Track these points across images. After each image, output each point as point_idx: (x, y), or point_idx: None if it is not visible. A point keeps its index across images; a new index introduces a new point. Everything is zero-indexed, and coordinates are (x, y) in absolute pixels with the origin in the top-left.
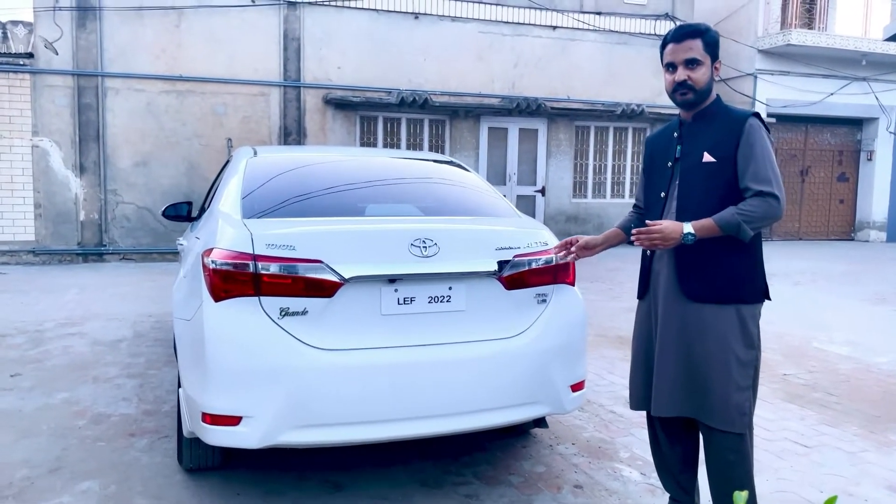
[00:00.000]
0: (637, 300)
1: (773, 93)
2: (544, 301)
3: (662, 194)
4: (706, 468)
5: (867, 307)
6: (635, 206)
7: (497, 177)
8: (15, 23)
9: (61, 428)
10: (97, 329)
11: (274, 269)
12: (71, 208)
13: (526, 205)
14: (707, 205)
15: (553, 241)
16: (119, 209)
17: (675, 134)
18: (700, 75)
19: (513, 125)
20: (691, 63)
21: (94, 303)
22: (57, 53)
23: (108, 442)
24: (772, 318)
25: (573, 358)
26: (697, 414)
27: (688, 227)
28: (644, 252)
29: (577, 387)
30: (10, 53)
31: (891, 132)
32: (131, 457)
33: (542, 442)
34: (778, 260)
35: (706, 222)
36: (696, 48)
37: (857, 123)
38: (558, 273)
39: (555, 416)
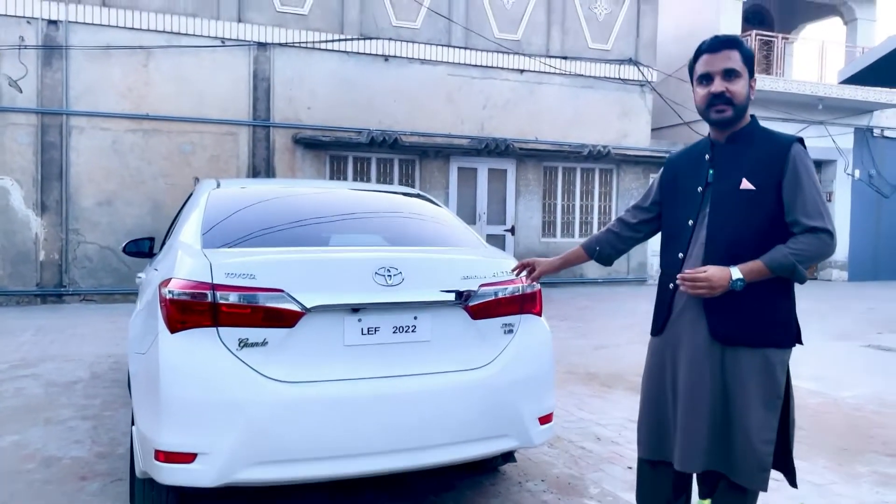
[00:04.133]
0: (650, 336)
1: None
2: (511, 331)
3: (690, 222)
4: None
5: (832, 343)
6: (620, 218)
7: (467, 216)
8: None
9: (9, 472)
10: (52, 370)
11: (233, 298)
12: (31, 248)
13: (496, 243)
14: (741, 235)
15: None
16: (80, 249)
17: (707, 156)
18: (740, 88)
19: (482, 165)
20: (730, 74)
21: (51, 344)
22: (21, 91)
23: (57, 485)
24: None
25: (541, 390)
26: (724, 468)
27: (736, 273)
28: (664, 283)
29: (545, 419)
30: None
31: (848, 174)
32: (81, 501)
33: (510, 479)
34: None
35: (756, 266)
36: (734, 59)
37: (816, 166)
38: (525, 303)
39: (524, 451)
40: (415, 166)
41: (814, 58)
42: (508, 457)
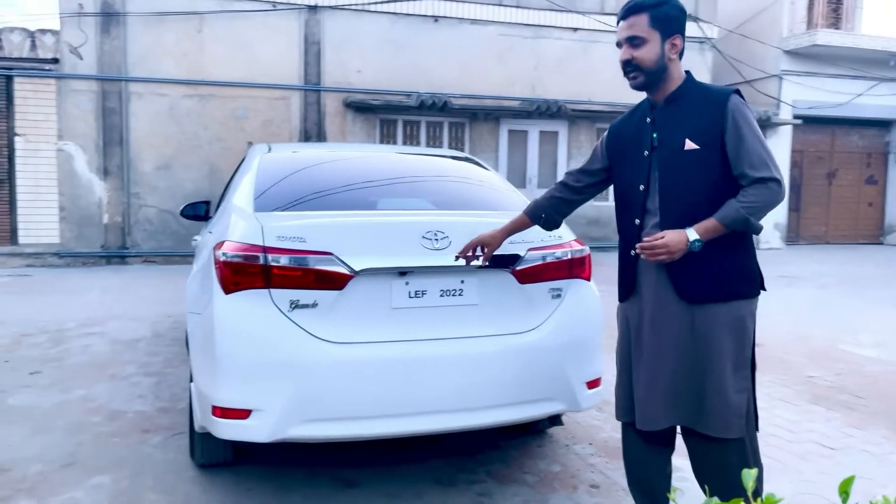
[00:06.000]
0: (618, 302)
1: (799, 94)
2: (559, 296)
3: (641, 187)
4: (703, 481)
5: (894, 310)
6: (562, 182)
7: (517, 179)
8: (43, 31)
9: (77, 424)
10: (117, 329)
11: (284, 260)
12: (95, 211)
13: None
14: (694, 196)
15: (568, 236)
16: (142, 212)
17: (648, 119)
18: (644, 53)
19: (533, 127)
20: (633, 41)
21: (116, 304)
22: (81, 58)
23: (122, 438)
24: (796, 320)
25: (588, 354)
26: (692, 422)
27: (693, 234)
28: (625, 249)
29: (592, 384)
30: (36, 59)
31: None
32: (144, 453)
33: (558, 441)
34: (804, 263)
35: (711, 224)
36: (638, 24)
37: (885, 125)
38: (573, 267)
39: (571, 414)
40: (464, 129)
41: (886, 11)
42: (555, 420)
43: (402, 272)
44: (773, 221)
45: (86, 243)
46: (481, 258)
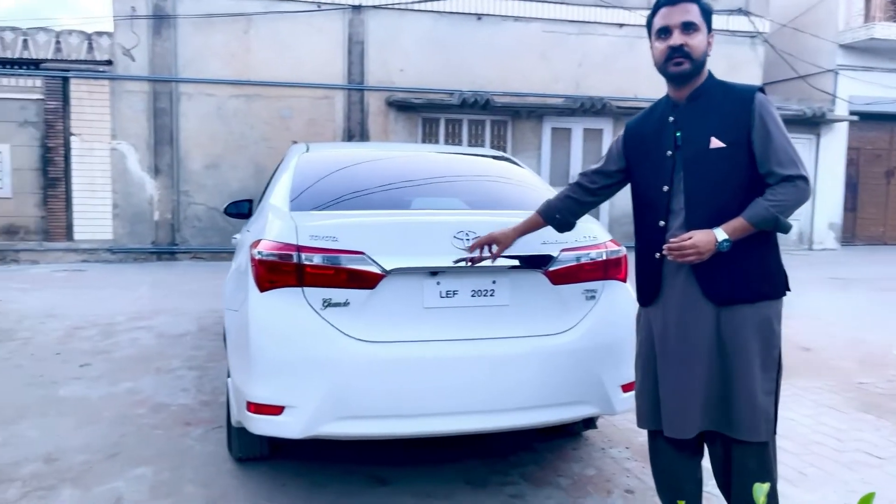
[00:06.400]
0: (640, 307)
1: (856, 89)
2: (593, 297)
3: (665, 188)
4: (724, 482)
5: None
6: (577, 183)
7: (560, 178)
8: (100, 34)
9: (122, 416)
10: (164, 323)
11: (317, 259)
12: (146, 209)
13: None
14: (720, 195)
15: (604, 236)
16: (190, 209)
17: (671, 118)
18: (697, 42)
19: (577, 125)
20: (688, 27)
21: (164, 299)
22: (134, 60)
23: (164, 430)
24: (849, 324)
25: (624, 357)
26: (721, 426)
27: (721, 234)
28: (646, 253)
29: (628, 387)
30: (92, 61)
31: None
32: (185, 445)
33: (593, 444)
34: (859, 265)
35: (739, 224)
36: (693, 12)
37: None
38: (609, 269)
39: (608, 417)
40: (507, 127)
41: None
42: (590, 423)
43: (434, 272)
44: (828, 222)
45: (137, 239)
46: (490, 256)
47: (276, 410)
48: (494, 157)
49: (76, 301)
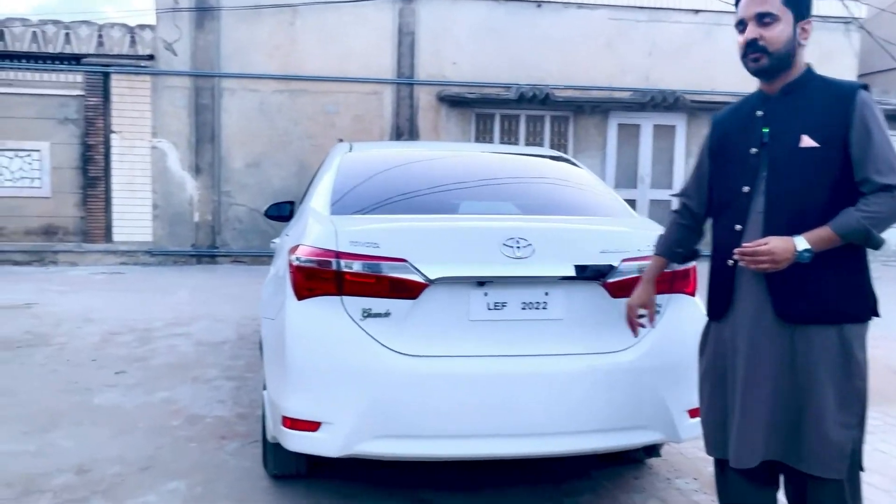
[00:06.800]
0: (709, 320)
1: None
2: (658, 312)
3: (746, 189)
4: None
5: None
6: (683, 206)
7: (627, 179)
8: (142, 27)
9: (157, 427)
10: (202, 330)
11: (357, 266)
12: (186, 209)
13: (661, 210)
14: (806, 200)
15: None
16: (231, 211)
17: (760, 113)
18: (776, 34)
19: (646, 121)
20: (763, 18)
21: (203, 304)
22: (176, 54)
23: (199, 443)
24: None
25: (691, 379)
26: (787, 457)
27: (802, 243)
28: (720, 260)
29: (695, 412)
30: (133, 55)
31: None
32: (220, 459)
33: (657, 474)
34: None
35: (824, 233)
36: (771, 1)
37: None
38: (675, 281)
39: (674, 445)
40: (568, 124)
41: None
42: (652, 450)
43: (481, 282)
44: None
45: (177, 242)
46: (648, 321)
47: (313, 426)
48: (549, 157)
49: (114, 305)
